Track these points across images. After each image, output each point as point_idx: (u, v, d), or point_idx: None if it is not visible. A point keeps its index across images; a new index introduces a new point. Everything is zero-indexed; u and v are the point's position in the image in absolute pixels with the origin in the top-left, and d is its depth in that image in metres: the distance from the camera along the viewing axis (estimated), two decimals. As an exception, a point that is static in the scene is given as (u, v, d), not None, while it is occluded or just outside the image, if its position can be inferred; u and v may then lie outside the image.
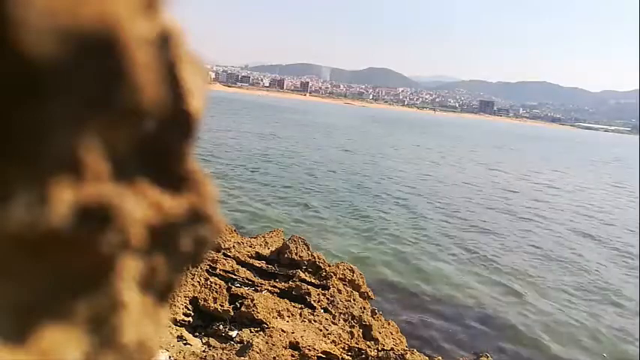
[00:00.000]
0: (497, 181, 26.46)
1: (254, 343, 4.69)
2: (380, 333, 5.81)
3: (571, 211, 20.22)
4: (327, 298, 6.00)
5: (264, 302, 5.49)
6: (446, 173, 27.39)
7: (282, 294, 6.00)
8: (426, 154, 37.74)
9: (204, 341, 5.11)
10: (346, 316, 5.82)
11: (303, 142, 35.38)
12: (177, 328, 5.18)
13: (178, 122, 0.29)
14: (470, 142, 60.06)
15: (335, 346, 5.26)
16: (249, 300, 5.46)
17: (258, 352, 4.58)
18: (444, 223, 15.60)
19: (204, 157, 21.25)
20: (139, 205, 0.28)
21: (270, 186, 17.99)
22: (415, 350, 5.12)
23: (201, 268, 5.71)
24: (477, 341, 8.12)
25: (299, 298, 5.97)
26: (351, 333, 5.54)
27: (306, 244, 6.95)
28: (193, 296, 5.49)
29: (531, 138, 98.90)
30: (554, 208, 20.41)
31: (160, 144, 0.28)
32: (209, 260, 6.03)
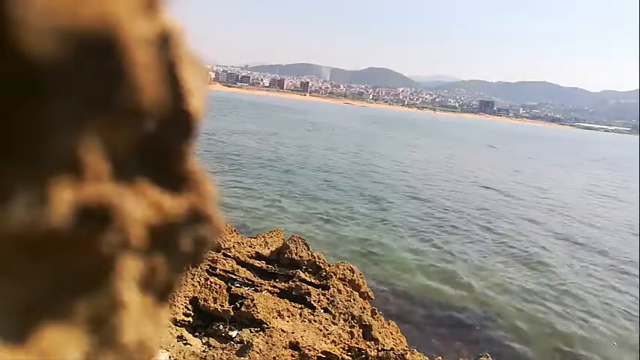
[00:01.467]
0: (498, 182, 26.47)
1: (254, 343, 4.69)
2: (380, 333, 5.81)
3: (575, 213, 20.23)
4: (327, 298, 6.00)
5: (264, 302, 5.49)
6: (451, 174, 27.39)
7: (282, 294, 6.00)
8: (430, 154, 37.74)
9: (204, 341, 5.11)
10: (346, 316, 5.81)
11: (302, 141, 35.39)
12: (178, 328, 5.17)
13: (178, 122, 0.29)
14: (474, 142, 60.09)
15: (335, 346, 5.26)
16: (249, 300, 5.46)
17: (258, 352, 4.58)
18: (444, 223, 15.60)
19: (203, 157, 21.27)
20: (139, 205, 0.28)
21: (270, 185, 18.00)
22: (415, 350, 5.12)
23: (201, 268, 5.71)
24: (477, 341, 8.12)
25: (299, 298, 5.97)
26: (351, 333, 5.54)
27: (306, 244, 6.95)
28: (193, 296, 5.49)
29: (530, 137, 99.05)
30: (558, 208, 20.43)
31: (160, 144, 0.28)
32: (209, 260, 6.03)
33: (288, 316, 5.54)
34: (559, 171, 36.34)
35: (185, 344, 4.92)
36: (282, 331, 5.08)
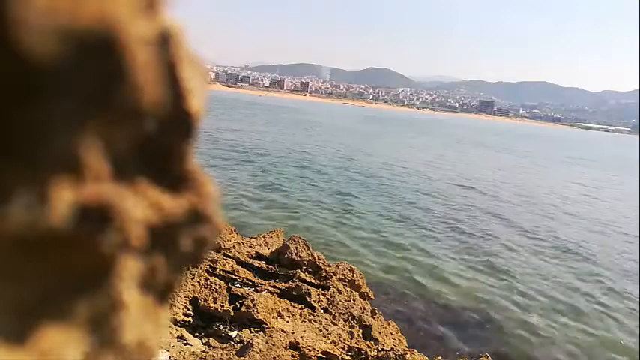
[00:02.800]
0: (498, 182, 26.50)
1: (254, 343, 4.69)
2: (380, 333, 5.81)
3: (590, 212, 20.25)
4: (327, 298, 6.00)
5: (264, 302, 5.49)
6: (453, 172, 27.40)
7: (282, 294, 6.00)
8: (433, 155, 37.75)
9: (204, 341, 5.11)
10: (346, 316, 5.81)
11: (302, 140, 35.43)
12: (178, 328, 5.17)
13: (178, 122, 0.29)
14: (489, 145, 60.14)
15: (335, 346, 5.26)
16: (249, 300, 5.46)
17: (258, 352, 4.58)
18: (444, 224, 15.60)
19: (204, 157, 21.27)
20: (139, 205, 0.28)
21: (270, 184, 17.99)
22: (415, 350, 5.12)
23: (201, 268, 5.71)
24: (477, 341, 8.12)
25: (299, 298, 5.97)
26: (351, 333, 5.54)
27: (306, 244, 6.95)
28: (193, 296, 5.49)
29: (530, 137, 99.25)
30: (566, 208, 20.44)
31: (160, 144, 0.28)
32: (209, 260, 6.03)
33: (288, 316, 5.54)
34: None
35: (185, 344, 4.92)
36: (282, 331, 5.08)
